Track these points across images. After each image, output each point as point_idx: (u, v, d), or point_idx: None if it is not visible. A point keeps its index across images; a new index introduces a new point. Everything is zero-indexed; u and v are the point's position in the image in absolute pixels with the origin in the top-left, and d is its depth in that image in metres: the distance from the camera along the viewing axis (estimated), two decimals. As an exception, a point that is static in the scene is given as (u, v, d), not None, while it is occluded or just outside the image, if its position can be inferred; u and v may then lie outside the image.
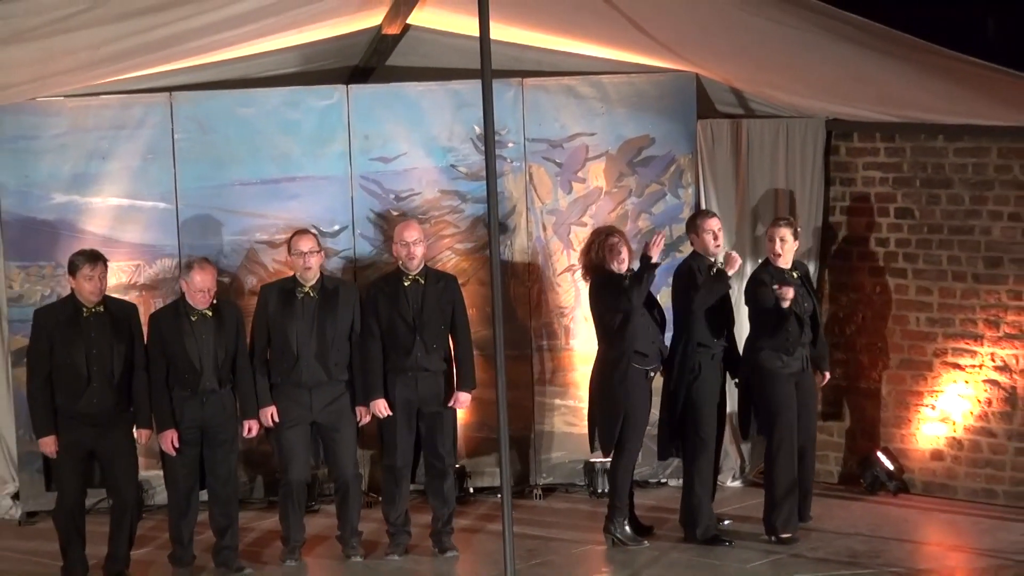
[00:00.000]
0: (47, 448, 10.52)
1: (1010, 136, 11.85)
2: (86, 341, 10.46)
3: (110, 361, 10.49)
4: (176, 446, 10.58)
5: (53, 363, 10.47)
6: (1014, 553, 10.93)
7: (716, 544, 11.19)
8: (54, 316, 10.58)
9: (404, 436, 11.07)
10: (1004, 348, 12.03)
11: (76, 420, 10.47)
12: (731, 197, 12.67)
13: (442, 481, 11.15)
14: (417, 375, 11.00)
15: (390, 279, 11.14)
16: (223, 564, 10.88)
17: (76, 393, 10.45)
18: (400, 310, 10.96)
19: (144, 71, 11.87)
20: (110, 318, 10.58)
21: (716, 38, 11.66)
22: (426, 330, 10.98)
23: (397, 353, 10.99)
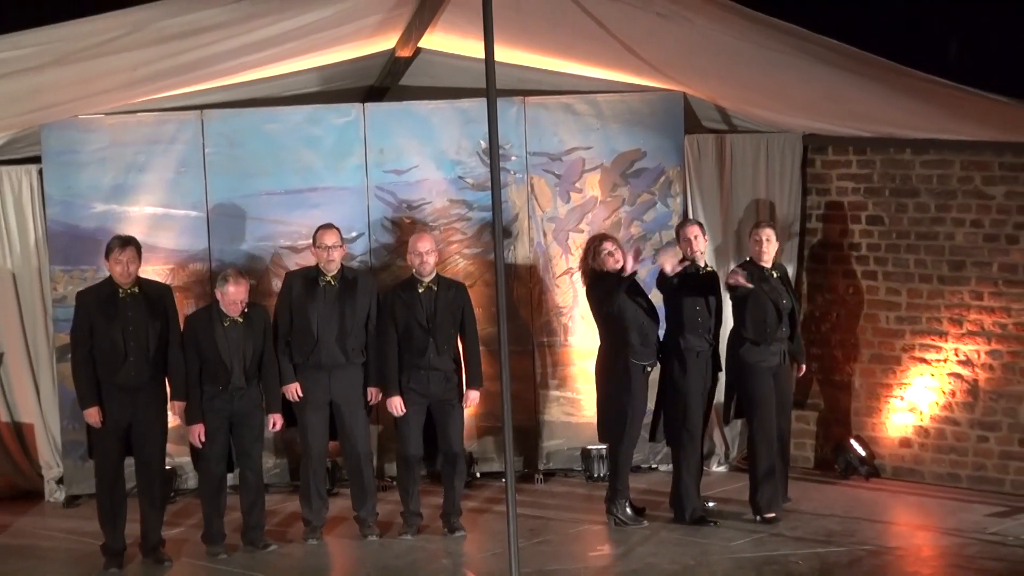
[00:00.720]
0: (91, 418, 10.56)
1: (971, 149, 11.88)
2: (123, 319, 10.51)
3: (145, 337, 10.54)
4: (203, 440, 10.63)
5: (93, 340, 10.51)
6: (976, 532, 10.95)
7: (703, 524, 11.20)
8: (94, 297, 10.64)
9: (416, 428, 11.11)
10: (967, 344, 12.05)
11: (115, 391, 10.52)
12: (716, 206, 12.69)
13: (453, 466, 11.18)
14: (429, 373, 11.03)
15: (406, 286, 11.16)
16: (250, 542, 10.91)
17: (114, 367, 10.50)
18: (415, 314, 10.99)
19: (177, 91, 11.89)
20: (145, 298, 10.62)
21: (702, 60, 11.67)
22: (438, 333, 11.01)
23: (412, 353, 11.02)
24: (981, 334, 11.98)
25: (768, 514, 11.27)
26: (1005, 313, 11.88)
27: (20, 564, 10.88)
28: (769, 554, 10.62)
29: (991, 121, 11.14)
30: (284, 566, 10.70)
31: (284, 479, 12.25)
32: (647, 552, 10.75)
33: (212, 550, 10.87)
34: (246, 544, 10.93)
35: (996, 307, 11.92)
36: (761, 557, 10.57)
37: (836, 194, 12.61)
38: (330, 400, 11.07)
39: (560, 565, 10.54)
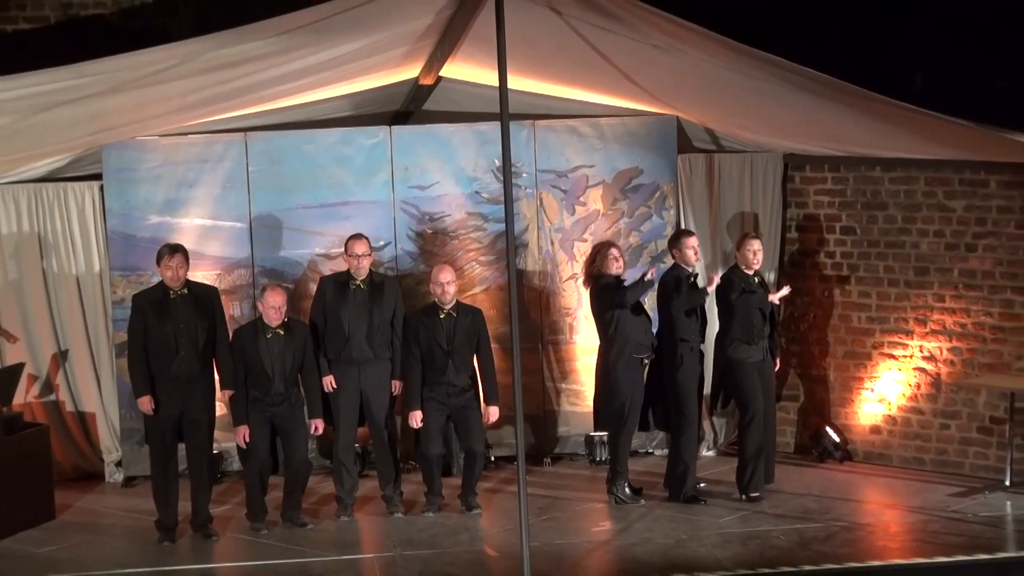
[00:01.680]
0: (144, 407, 10.61)
1: (934, 167, 11.89)
2: (174, 318, 10.55)
3: (195, 335, 10.58)
4: (247, 440, 10.68)
5: (148, 337, 10.56)
6: (938, 510, 10.96)
7: (694, 503, 11.22)
8: (147, 298, 10.69)
9: (436, 431, 11.15)
10: (930, 342, 12.05)
11: (167, 383, 10.56)
12: (706, 218, 12.68)
13: (473, 461, 11.22)
14: (448, 389, 11.07)
15: (428, 312, 11.16)
16: (289, 520, 10.94)
17: (167, 361, 10.54)
18: (436, 338, 11.02)
19: (224, 115, 11.89)
20: (194, 299, 10.67)
21: (693, 87, 11.67)
22: (456, 354, 11.04)
23: (434, 372, 11.05)
24: (943, 333, 11.99)
25: (753, 494, 11.28)
26: (964, 314, 11.88)
27: (84, 538, 10.91)
28: (753, 529, 10.64)
29: (951, 142, 11.13)
30: (319, 540, 10.70)
31: (318, 462, 12.25)
32: (644, 528, 10.77)
33: (255, 526, 10.90)
34: (285, 521, 10.96)
35: (957, 308, 11.92)
36: (746, 532, 10.59)
37: (813, 207, 12.61)
38: (360, 391, 11.10)
39: (566, 540, 10.55)
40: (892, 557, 10.08)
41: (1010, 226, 11.63)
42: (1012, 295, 11.66)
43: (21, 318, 12.19)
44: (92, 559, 10.44)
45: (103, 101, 10.57)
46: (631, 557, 10.15)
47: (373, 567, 10.13)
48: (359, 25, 10.19)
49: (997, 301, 11.73)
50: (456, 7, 10.32)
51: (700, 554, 10.14)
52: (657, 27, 10.13)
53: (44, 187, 12.17)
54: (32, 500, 11.17)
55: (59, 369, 12.29)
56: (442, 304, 11.09)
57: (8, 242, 12.13)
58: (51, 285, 12.23)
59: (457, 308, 11.15)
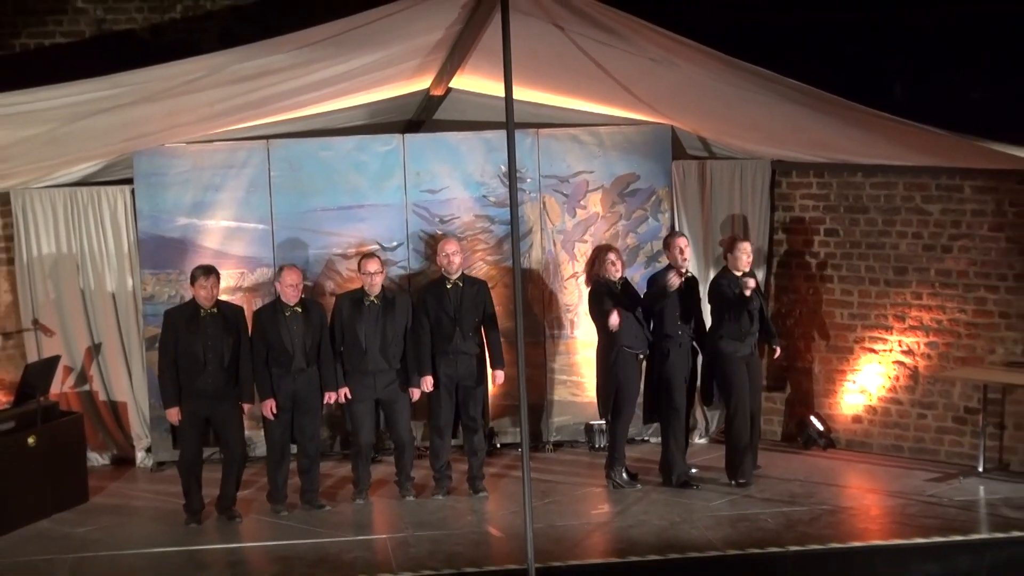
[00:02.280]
0: (172, 418, 10.72)
1: (912, 173, 11.90)
2: (203, 335, 10.59)
3: (221, 351, 10.61)
4: (274, 412, 10.69)
5: (178, 351, 10.60)
6: (915, 494, 10.98)
7: (686, 488, 11.22)
8: (179, 315, 10.73)
9: (446, 403, 11.16)
10: (909, 337, 12.05)
11: (195, 395, 10.61)
12: (698, 221, 12.68)
13: (472, 435, 11.24)
14: (457, 357, 11.08)
15: (436, 283, 11.21)
16: (307, 502, 10.97)
17: (195, 374, 10.58)
18: (444, 307, 11.04)
19: (247, 123, 11.90)
20: (222, 318, 10.71)
21: (687, 98, 11.65)
22: (463, 322, 11.05)
23: (442, 340, 11.06)
24: (920, 328, 11.99)
25: (741, 479, 11.29)
26: (940, 311, 11.88)
27: (116, 519, 10.94)
28: (742, 512, 10.65)
29: (929, 149, 11.13)
30: (336, 521, 10.72)
31: (336, 449, 12.27)
32: (640, 510, 10.78)
33: (275, 508, 10.93)
34: (304, 503, 11.00)
35: (933, 305, 11.93)
36: (735, 515, 10.60)
37: (799, 211, 12.61)
38: (376, 399, 11.12)
39: (567, 522, 10.56)
40: (873, 538, 10.10)
41: (983, 228, 11.63)
42: (985, 293, 11.66)
43: (57, 313, 12.20)
44: (124, 539, 10.47)
45: (135, 110, 10.57)
46: (628, 538, 10.15)
47: (386, 547, 10.13)
48: (374, 39, 10.19)
49: (971, 299, 11.73)
50: (465, 22, 10.34)
51: (692, 535, 10.14)
52: (653, 41, 10.13)
53: (79, 191, 12.18)
54: (67, 484, 11.19)
55: (92, 361, 12.30)
56: (448, 274, 11.12)
57: (46, 242, 12.14)
58: (85, 282, 12.24)
59: (463, 279, 11.19)
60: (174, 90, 10.33)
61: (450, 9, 10.00)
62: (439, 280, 11.21)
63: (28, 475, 10.81)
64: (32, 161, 11.42)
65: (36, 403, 11.06)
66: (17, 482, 10.69)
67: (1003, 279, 11.59)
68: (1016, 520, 10.29)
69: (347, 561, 9.83)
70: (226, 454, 10.82)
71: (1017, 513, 10.45)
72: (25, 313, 12.17)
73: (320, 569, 9.71)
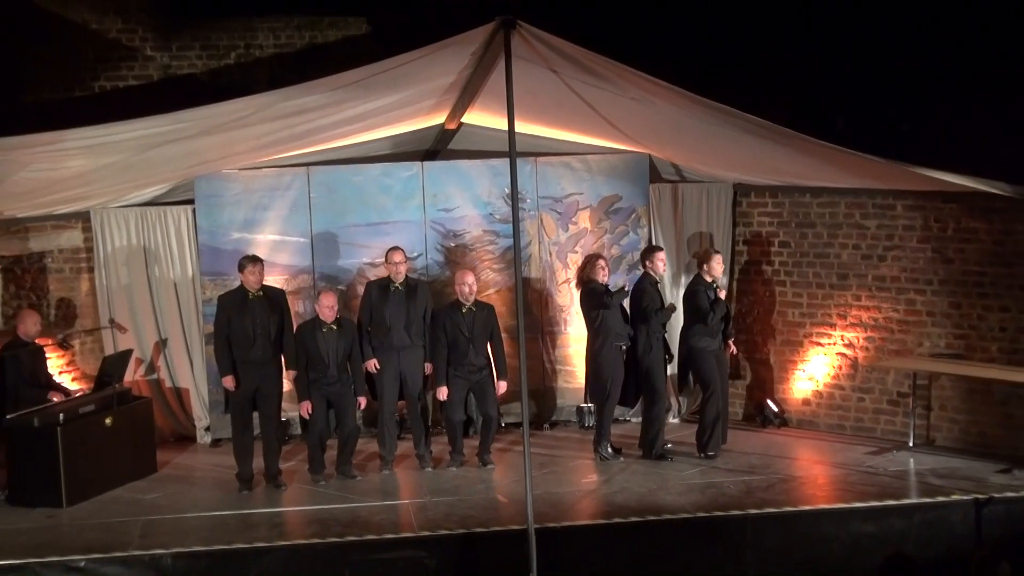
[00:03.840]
0: (228, 384, 10.70)
1: (852, 194, 11.90)
2: (252, 315, 10.61)
3: (268, 326, 10.65)
4: (310, 412, 10.72)
5: (230, 329, 10.62)
6: (856, 465, 10.98)
7: (663, 460, 11.21)
8: (231, 298, 10.77)
9: (459, 403, 11.19)
10: (850, 332, 12.06)
11: (246, 365, 10.62)
12: (672, 235, 12.66)
13: (489, 425, 11.25)
14: (469, 368, 11.10)
15: (452, 307, 11.18)
16: (342, 472, 10.96)
17: (246, 348, 10.61)
18: (460, 328, 11.05)
19: (290, 153, 11.92)
20: (267, 299, 10.74)
21: (662, 131, 11.66)
22: (475, 340, 11.07)
23: (457, 354, 11.07)
24: (860, 325, 12.00)
25: (710, 453, 11.28)
26: (877, 310, 11.89)
27: (180, 487, 10.96)
28: (710, 481, 10.65)
29: (866, 174, 11.14)
30: (366, 489, 10.72)
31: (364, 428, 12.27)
32: (623, 480, 10.77)
33: (315, 478, 10.92)
34: (339, 474, 10.98)
35: (870, 306, 11.93)
36: (704, 483, 10.59)
37: (757, 226, 12.61)
38: (399, 371, 11.11)
39: (562, 489, 10.55)
40: (820, 503, 10.09)
41: (912, 241, 11.63)
42: (914, 295, 11.66)
43: (130, 313, 12.20)
44: (186, 504, 10.48)
45: (195, 142, 10.60)
46: (613, 503, 10.15)
47: (408, 511, 10.12)
48: (397, 82, 10.20)
49: (902, 300, 11.74)
50: (474, 67, 10.35)
51: (668, 501, 10.13)
52: (634, 83, 10.13)
53: (148, 210, 12.19)
54: (138, 457, 11.21)
55: (160, 353, 12.31)
56: (464, 301, 11.11)
57: (120, 253, 12.15)
58: (154, 287, 12.25)
59: (476, 304, 11.17)
60: (228, 125, 10.36)
61: (461, 56, 10.02)
62: (456, 304, 11.19)
63: (106, 450, 10.82)
64: (109, 184, 11.45)
65: (112, 389, 11.06)
66: (97, 456, 10.71)
67: (929, 283, 11.58)
68: (941, 487, 10.28)
69: (375, 523, 9.82)
70: (265, 422, 10.79)
71: (942, 481, 10.43)
72: (103, 313, 12.16)
73: (352, 529, 9.69)
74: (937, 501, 10.02)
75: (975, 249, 11.28)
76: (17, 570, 9.19)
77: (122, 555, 9.35)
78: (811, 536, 9.82)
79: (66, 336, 12.01)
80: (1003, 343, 11.19)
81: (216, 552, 9.43)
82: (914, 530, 9.89)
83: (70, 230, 12.18)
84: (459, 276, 11.29)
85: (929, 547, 9.78)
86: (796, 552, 9.78)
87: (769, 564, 9.69)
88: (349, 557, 9.44)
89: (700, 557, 9.63)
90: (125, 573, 9.29)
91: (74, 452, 10.46)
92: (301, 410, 10.79)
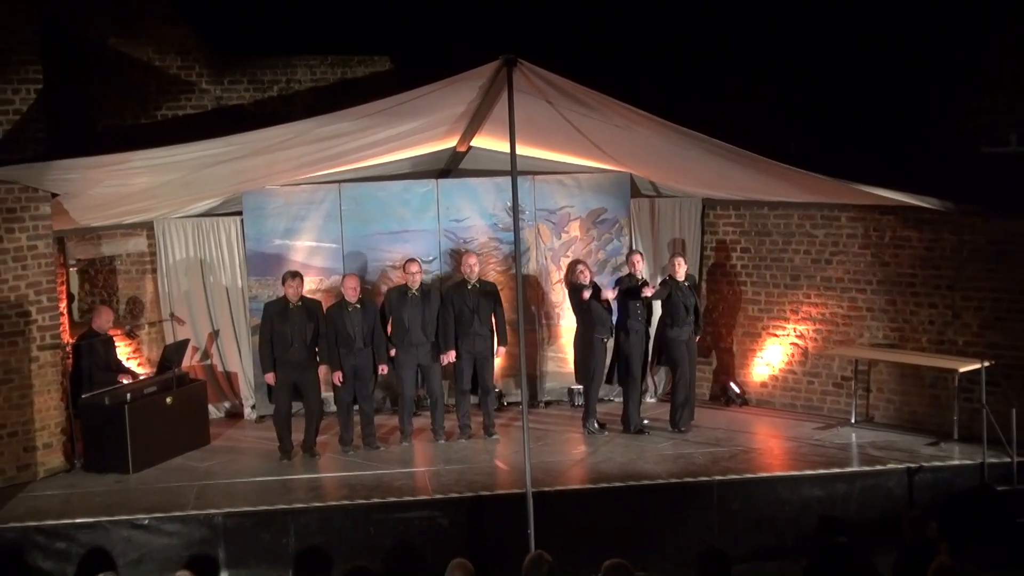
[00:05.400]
0: (269, 380, 10.72)
1: (803, 207, 11.90)
2: (291, 321, 10.61)
3: (304, 333, 10.63)
4: (341, 381, 10.70)
5: (272, 332, 10.61)
6: (806, 439, 10.98)
7: (640, 434, 11.22)
8: (274, 307, 10.77)
9: (467, 371, 11.16)
10: (801, 325, 12.05)
11: (285, 364, 10.62)
12: (650, 242, 12.65)
13: (487, 396, 11.24)
14: (474, 338, 11.08)
15: (460, 284, 11.21)
16: (368, 444, 10.96)
17: (285, 349, 10.61)
18: (466, 302, 11.04)
19: (324, 171, 11.91)
20: (305, 309, 10.72)
21: (641, 153, 11.65)
22: (479, 313, 11.07)
23: (463, 325, 11.06)
24: (809, 319, 11.99)
25: (681, 428, 11.29)
26: (824, 307, 11.89)
27: (230, 457, 10.96)
28: (681, 452, 10.65)
29: (815, 190, 11.13)
30: (388, 458, 10.73)
31: (387, 406, 12.28)
32: (607, 451, 10.78)
33: (344, 448, 10.93)
34: (365, 445, 10.98)
35: (818, 303, 11.93)
36: (676, 454, 10.60)
37: (722, 235, 12.59)
38: (417, 363, 11.11)
39: (554, 459, 10.56)
40: (775, 470, 10.11)
41: (855, 247, 11.63)
42: (856, 294, 11.66)
43: (187, 308, 12.20)
44: (234, 471, 10.50)
45: (243, 162, 10.60)
46: (598, 471, 10.16)
47: (424, 477, 10.14)
48: (415, 111, 10.22)
49: (846, 298, 11.73)
50: (481, 99, 10.36)
51: (645, 468, 10.15)
52: (617, 113, 10.14)
53: (203, 220, 12.19)
54: (194, 431, 11.22)
55: (213, 343, 12.31)
56: (469, 279, 11.12)
57: (179, 257, 12.16)
58: (207, 286, 12.24)
59: (479, 282, 11.18)
60: (271, 147, 10.37)
61: (470, 90, 10.02)
62: (462, 283, 11.20)
63: (166, 425, 10.83)
64: (169, 198, 11.46)
65: (172, 373, 11.08)
66: (158, 430, 10.72)
67: (869, 283, 11.58)
68: (878, 457, 10.30)
69: (396, 487, 9.84)
70: (308, 408, 10.82)
71: (879, 452, 10.45)
72: (164, 308, 12.16)
73: (376, 492, 9.71)
74: (875, 469, 10.04)
75: (908, 254, 11.28)
76: (91, 527, 9.26)
77: (180, 514, 9.39)
78: (767, 499, 9.84)
79: (133, 328, 12.02)
80: (931, 334, 11.18)
81: (260, 512, 9.46)
82: (855, 494, 9.92)
83: (136, 237, 12.18)
84: (464, 259, 11.34)
85: (868, 509, 9.82)
86: (754, 512, 9.80)
87: (732, 522, 9.72)
88: (373, 516, 9.48)
89: (673, 517, 9.66)
90: (182, 530, 9.33)
91: (139, 426, 10.47)
92: (334, 379, 10.78)
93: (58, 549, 9.18)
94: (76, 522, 9.27)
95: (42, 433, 10.36)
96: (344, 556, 9.06)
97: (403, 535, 9.43)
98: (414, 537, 9.41)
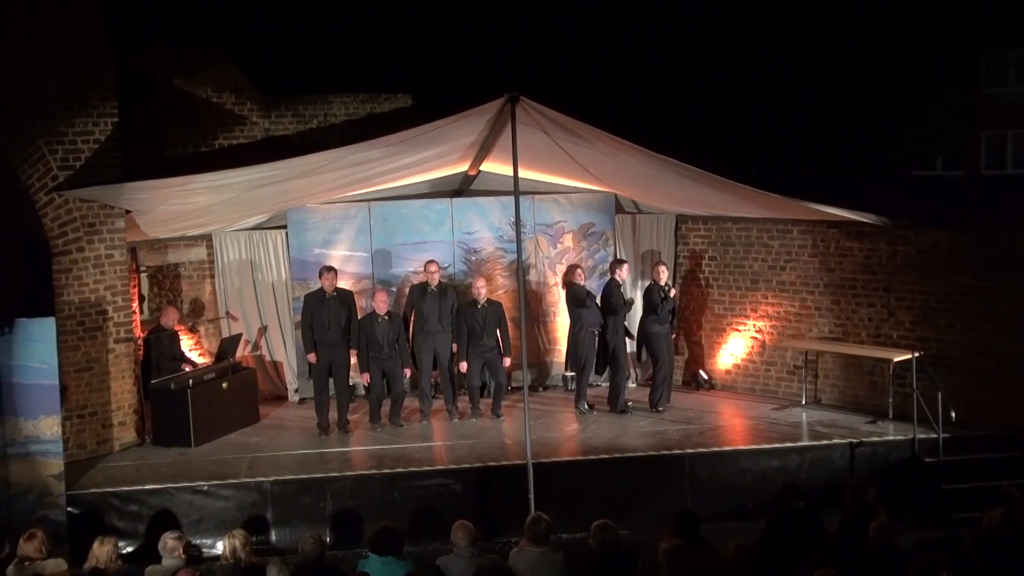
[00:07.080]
0: (311, 359, 10.72)
1: (761, 222, 11.89)
2: (328, 310, 10.62)
3: (339, 319, 10.64)
4: (369, 381, 10.72)
5: (312, 319, 10.60)
6: (764, 419, 10.97)
7: (624, 414, 11.20)
8: (313, 297, 10.77)
9: (475, 373, 11.13)
10: (759, 322, 12.03)
11: (324, 346, 10.62)
12: (632, 251, 12.61)
13: (500, 390, 11.22)
14: (483, 348, 11.04)
15: (470, 304, 11.13)
16: (393, 422, 10.93)
17: (322, 333, 10.63)
18: (476, 319, 11.00)
19: (356, 192, 11.89)
20: (340, 298, 10.74)
21: (624, 177, 11.63)
22: (488, 328, 11.03)
23: (474, 337, 11.02)
24: (767, 317, 11.97)
25: (659, 409, 11.26)
26: (779, 306, 11.87)
27: (276, 433, 10.94)
28: (659, 429, 10.64)
29: (772, 207, 11.13)
30: (411, 434, 10.72)
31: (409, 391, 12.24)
32: (596, 428, 10.76)
33: (372, 426, 10.90)
34: (391, 423, 10.95)
35: (775, 303, 11.91)
36: (655, 431, 10.59)
37: (693, 245, 12.56)
38: (434, 350, 11.07)
39: (552, 435, 10.54)
40: (738, 444, 10.09)
41: (805, 256, 11.62)
42: (805, 295, 11.64)
43: (240, 307, 12.19)
44: (281, 444, 10.49)
45: (288, 184, 10.60)
46: (589, 445, 10.15)
47: (441, 450, 10.13)
48: (432, 141, 10.21)
49: (797, 299, 11.72)
50: (489, 130, 10.35)
51: (628, 443, 10.14)
52: (604, 142, 10.15)
53: (254, 232, 12.18)
54: (246, 411, 11.20)
55: (262, 336, 12.28)
56: (478, 299, 11.07)
57: (233, 264, 12.15)
58: (257, 289, 12.22)
59: (488, 302, 11.12)
60: (311, 172, 10.37)
61: (480, 123, 10.02)
62: (472, 302, 11.14)
63: (223, 406, 10.82)
64: (225, 214, 11.45)
65: (228, 362, 11.09)
66: (216, 410, 10.73)
67: (816, 287, 11.56)
68: (825, 433, 10.30)
69: (416, 458, 9.84)
70: (338, 388, 10.76)
71: (826, 429, 10.44)
72: (220, 307, 12.16)
73: (400, 463, 9.71)
74: (822, 444, 10.04)
75: (850, 261, 11.26)
76: (158, 492, 9.29)
77: (235, 481, 9.42)
78: (732, 469, 9.84)
79: (194, 324, 12.02)
80: (870, 330, 11.16)
81: (302, 479, 9.47)
82: (806, 465, 9.91)
83: (197, 247, 12.17)
84: (473, 283, 11.29)
85: (817, 478, 9.82)
86: (720, 480, 9.80)
87: (701, 488, 9.71)
88: (398, 483, 9.49)
89: (652, 484, 9.65)
90: (236, 494, 9.35)
91: (200, 407, 10.48)
92: (362, 379, 10.76)
93: (130, 511, 9.21)
94: (146, 488, 9.28)
95: (117, 413, 10.37)
96: (373, 517, 9.09)
97: (423, 499, 9.44)
98: (432, 501, 9.42)
